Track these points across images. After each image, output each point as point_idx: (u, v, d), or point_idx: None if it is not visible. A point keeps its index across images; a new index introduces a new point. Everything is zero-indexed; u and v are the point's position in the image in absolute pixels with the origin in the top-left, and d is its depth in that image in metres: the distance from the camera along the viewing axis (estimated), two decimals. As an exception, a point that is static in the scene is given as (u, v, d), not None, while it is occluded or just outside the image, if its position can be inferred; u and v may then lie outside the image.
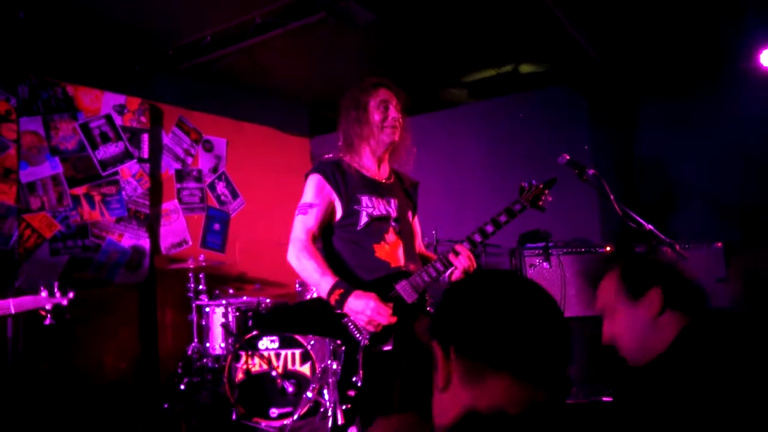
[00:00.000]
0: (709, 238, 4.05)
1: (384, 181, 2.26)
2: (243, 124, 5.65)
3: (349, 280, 2.04)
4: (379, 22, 4.00)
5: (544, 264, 4.41)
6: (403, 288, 2.04)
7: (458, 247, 2.06)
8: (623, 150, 4.90)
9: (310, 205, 2.17)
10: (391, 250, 2.14)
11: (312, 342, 3.85)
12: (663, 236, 2.71)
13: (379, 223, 2.15)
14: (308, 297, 4.12)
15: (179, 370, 4.29)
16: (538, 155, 5.13)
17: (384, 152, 2.24)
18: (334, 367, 3.77)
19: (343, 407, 1.94)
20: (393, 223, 2.18)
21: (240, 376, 3.85)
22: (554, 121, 5.09)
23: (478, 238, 2.06)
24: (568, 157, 2.83)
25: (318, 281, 2.03)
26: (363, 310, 1.93)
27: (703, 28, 4.36)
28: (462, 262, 2.03)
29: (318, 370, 3.75)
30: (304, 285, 4.14)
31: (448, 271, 2.09)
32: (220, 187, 5.44)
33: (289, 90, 5.82)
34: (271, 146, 5.89)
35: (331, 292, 1.99)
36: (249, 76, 5.37)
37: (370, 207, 2.16)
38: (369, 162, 2.25)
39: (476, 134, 5.48)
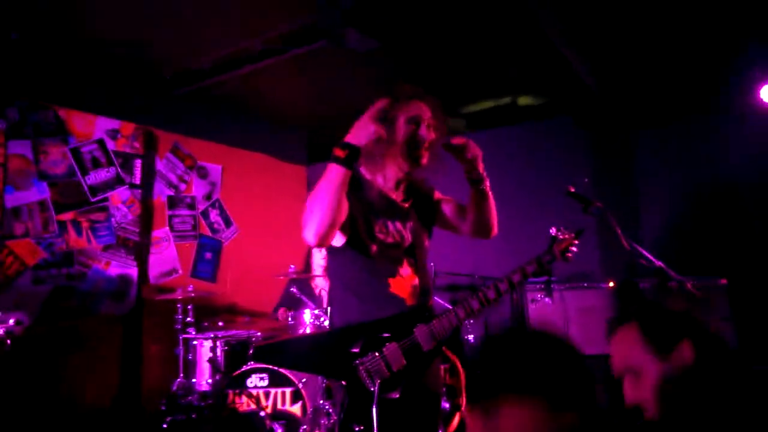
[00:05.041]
0: (708, 274, 3.91)
1: (401, 202, 2.07)
2: (239, 151, 5.54)
3: (358, 313, 1.89)
4: (380, 49, 3.93)
5: (546, 299, 4.27)
6: (421, 334, 1.87)
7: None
8: (624, 182, 4.80)
9: None
10: (406, 284, 1.97)
11: (304, 380, 3.66)
12: (673, 273, 2.59)
13: (393, 251, 1.98)
14: (301, 331, 3.95)
15: (162, 407, 4.08)
16: (536, 187, 5.03)
17: (409, 173, 2.04)
18: (327, 408, 3.58)
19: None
20: (408, 253, 2.01)
21: (226, 415, 3.65)
22: (553, 153, 5.00)
23: (504, 286, 1.90)
24: (573, 189, 2.72)
25: (322, 182, 1.79)
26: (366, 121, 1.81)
27: (704, 61, 4.31)
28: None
29: (309, 410, 3.56)
30: (296, 318, 3.96)
31: None
32: (214, 214, 5.31)
33: (288, 116, 5.74)
34: (267, 173, 5.77)
35: (335, 158, 1.78)
36: (247, 102, 5.29)
37: (384, 233, 1.98)
38: (390, 181, 2.04)
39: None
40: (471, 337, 4.40)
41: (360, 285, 1.95)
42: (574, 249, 1.98)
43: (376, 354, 1.84)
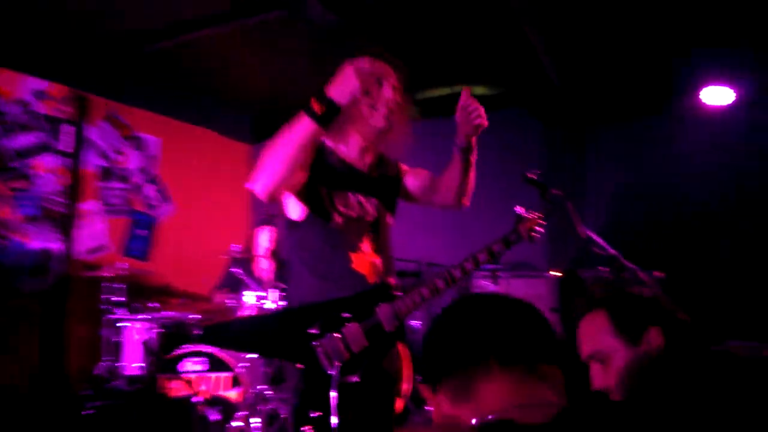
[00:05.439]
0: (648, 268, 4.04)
1: (367, 172, 1.94)
2: (180, 124, 5.23)
3: (315, 292, 1.76)
4: (337, 24, 3.77)
5: (493, 287, 4.27)
6: (384, 314, 1.75)
7: None
8: (573, 176, 4.88)
9: None
10: (367, 261, 1.85)
11: (243, 365, 3.48)
12: (628, 263, 2.60)
13: (355, 224, 1.85)
14: (240, 314, 3.75)
15: (86, 392, 3.79)
16: (486, 177, 5.03)
17: (373, 139, 1.90)
18: (267, 393, 3.42)
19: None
20: (371, 228, 1.89)
21: (156, 401, 3.41)
22: (505, 144, 5.00)
23: (469, 265, 1.80)
24: (531, 175, 2.68)
25: (288, 133, 1.64)
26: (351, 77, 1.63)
27: (652, 65, 4.42)
28: None
29: (248, 395, 3.38)
30: (238, 300, 3.76)
31: None
32: (150, 189, 4.99)
33: (234, 92, 5.47)
34: (209, 150, 5.49)
35: (308, 110, 1.62)
36: (191, 72, 4.99)
37: (345, 205, 1.85)
38: (353, 149, 1.91)
39: (425, 152, 5.33)
40: (417, 323, 4.34)
41: (320, 260, 1.82)
42: (540, 229, 1.92)
43: (336, 335, 1.72)
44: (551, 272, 4.16)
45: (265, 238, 4.40)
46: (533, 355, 0.89)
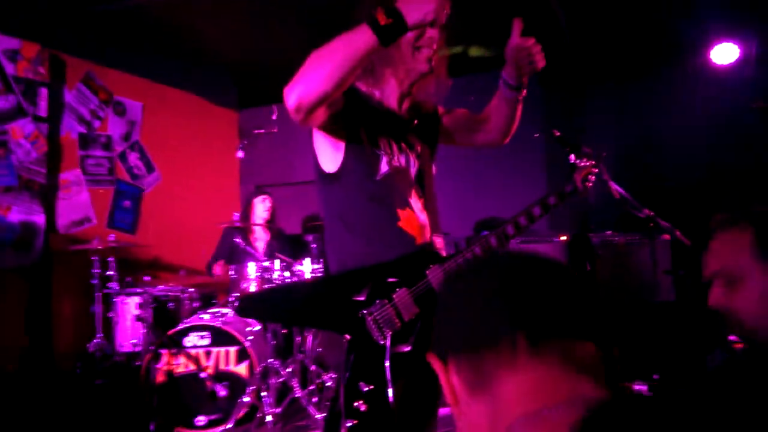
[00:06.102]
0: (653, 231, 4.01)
1: (407, 119, 1.73)
2: (163, 88, 4.93)
3: (360, 258, 1.58)
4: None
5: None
6: (435, 277, 1.57)
7: None
8: (573, 136, 4.81)
9: None
10: (416, 218, 1.66)
11: (250, 337, 3.32)
12: (663, 222, 2.53)
13: (401, 177, 1.65)
14: (244, 286, 3.58)
15: (78, 371, 3.59)
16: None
17: (413, 84, 1.67)
18: (277, 366, 3.27)
19: (348, 424, 1.49)
20: (416, 180, 1.70)
21: (160, 378, 3.24)
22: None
23: (524, 221, 1.61)
24: (558, 133, 2.56)
25: (343, 37, 1.40)
26: None
27: (658, 21, 4.32)
28: None
29: (257, 370, 3.24)
30: (239, 272, 3.58)
31: None
32: (133, 158, 4.71)
33: (219, 55, 5.17)
34: (194, 116, 5.20)
35: (371, 17, 1.37)
36: (174, 33, 4.67)
37: (389, 153, 1.64)
38: (392, 95, 1.69)
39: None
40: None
41: (364, 220, 1.62)
42: (593, 178, 1.78)
43: (386, 302, 1.55)
44: (559, 237, 4.09)
45: (261, 208, 4.21)
46: (571, 329, 0.65)
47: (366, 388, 1.53)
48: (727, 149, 4.28)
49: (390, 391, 1.52)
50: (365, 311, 1.55)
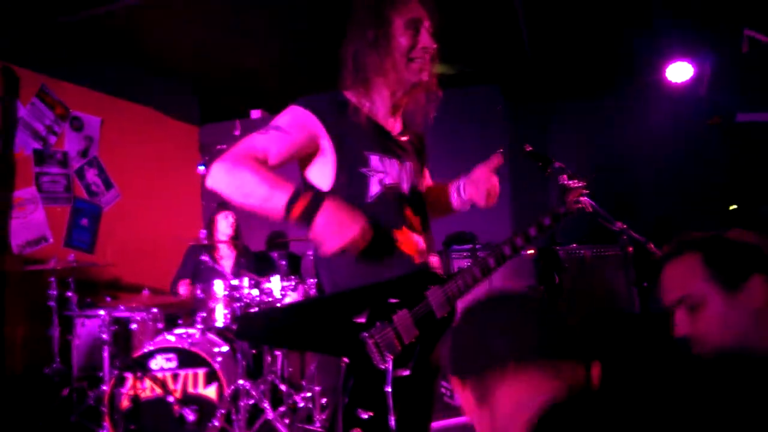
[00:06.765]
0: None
1: (398, 135, 1.68)
2: (122, 102, 4.79)
3: (358, 275, 1.52)
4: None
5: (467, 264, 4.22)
6: (435, 299, 1.53)
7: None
8: (545, 152, 4.92)
9: (278, 128, 1.55)
10: (412, 238, 1.61)
11: (219, 359, 3.22)
12: (636, 235, 2.58)
13: (394, 195, 1.60)
14: (211, 305, 3.48)
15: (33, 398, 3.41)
16: (453, 152, 4.96)
17: (405, 95, 1.64)
18: (248, 388, 3.18)
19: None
20: (408, 199, 1.65)
21: (125, 404, 3.10)
22: (471, 120, 4.95)
23: (520, 241, 1.62)
24: (530, 148, 2.60)
25: (266, 195, 1.45)
26: (348, 222, 1.43)
27: (617, 38, 4.47)
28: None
29: (227, 392, 3.14)
30: (207, 291, 3.48)
31: None
32: (91, 174, 4.54)
33: (180, 70, 5.08)
34: (154, 131, 5.07)
35: (291, 202, 1.43)
36: (133, 46, 4.57)
37: (381, 172, 1.59)
38: (383, 107, 1.64)
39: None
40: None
41: None
42: (584, 199, 1.80)
43: (386, 324, 1.50)
44: (527, 251, 4.15)
45: (225, 224, 4.12)
46: (551, 351, 0.86)
47: (365, 415, 1.47)
48: (682, 164, 4.45)
49: (392, 420, 1.47)
50: (366, 334, 1.49)
